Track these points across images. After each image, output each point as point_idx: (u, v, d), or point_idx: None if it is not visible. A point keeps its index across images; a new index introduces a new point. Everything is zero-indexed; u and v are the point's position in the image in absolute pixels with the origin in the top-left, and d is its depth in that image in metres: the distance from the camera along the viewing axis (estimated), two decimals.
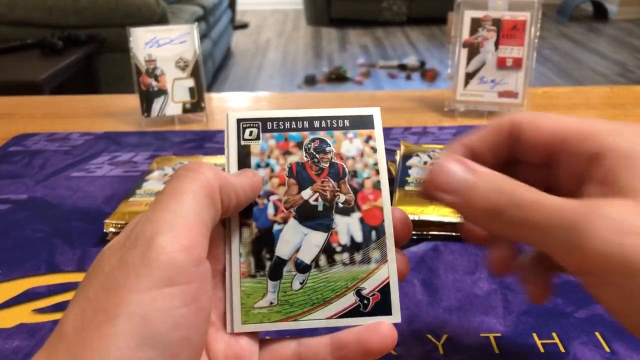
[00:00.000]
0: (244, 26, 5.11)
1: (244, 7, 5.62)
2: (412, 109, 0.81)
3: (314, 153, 0.29)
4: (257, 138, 0.29)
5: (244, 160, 0.28)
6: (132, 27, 0.73)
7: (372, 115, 0.30)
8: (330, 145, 0.29)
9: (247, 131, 0.29)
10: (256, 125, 0.29)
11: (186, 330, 0.22)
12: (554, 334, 0.37)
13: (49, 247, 0.48)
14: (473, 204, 0.25)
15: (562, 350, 0.36)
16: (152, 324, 0.21)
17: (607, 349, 0.36)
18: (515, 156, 0.29)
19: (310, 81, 3.44)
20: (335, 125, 0.29)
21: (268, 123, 0.29)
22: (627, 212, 0.21)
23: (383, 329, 0.26)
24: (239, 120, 0.29)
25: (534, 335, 0.37)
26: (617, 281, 0.21)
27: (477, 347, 0.36)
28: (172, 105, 0.75)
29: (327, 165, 0.29)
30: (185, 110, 0.76)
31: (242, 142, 0.29)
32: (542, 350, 0.36)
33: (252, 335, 0.27)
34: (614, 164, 0.23)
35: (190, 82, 0.75)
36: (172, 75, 0.74)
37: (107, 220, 0.48)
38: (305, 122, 0.29)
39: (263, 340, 0.28)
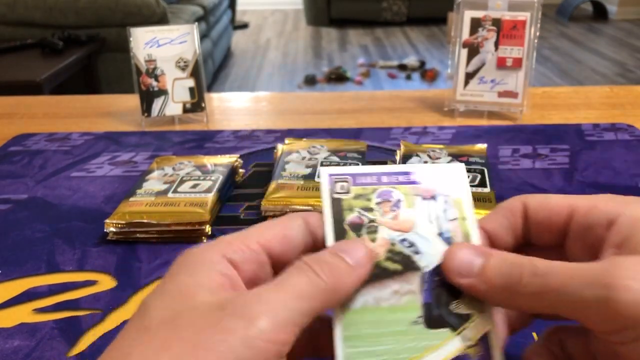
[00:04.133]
0: (244, 26, 5.11)
1: (244, 7, 5.62)
2: (412, 109, 0.81)
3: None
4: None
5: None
6: (132, 27, 0.73)
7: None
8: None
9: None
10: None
11: None
12: None
13: (49, 247, 0.48)
14: (489, 282, 0.26)
15: None
16: None
17: None
18: (528, 239, 0.29)
19: (310, 81, 3.44)
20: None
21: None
22: None
23: None
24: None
25: (534, 335, 0.37)
26: None
27: None
28: (172, 105, 0.75)
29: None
30: (185, 110, 0.76)
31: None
32: None
33: None
34: (627, 228, 0.25)
35: (191, 82, 0.75)
36: (172, 75, 0.74)
37: (107, 220, 0.48)
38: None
39: None
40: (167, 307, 0.24)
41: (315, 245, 0.28)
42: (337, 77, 3.48)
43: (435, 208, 0.30)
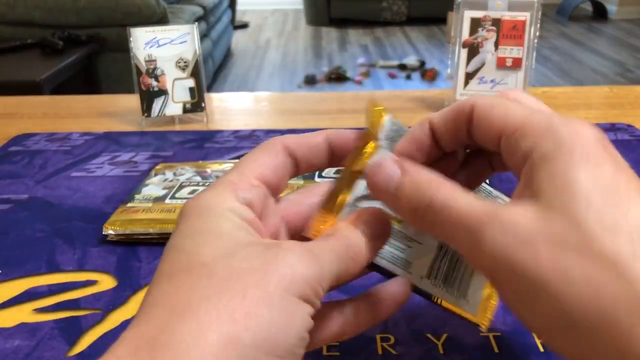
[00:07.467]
0: (244, 26, 5.11)
1: (244, 7, 5.62)
2: (412, 108, 0.81)
3: None
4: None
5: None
6: (132, 27, 0.73)
7: None
8: None
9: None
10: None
11: None
12: None
13: (49, 247, 0.48)
14: (398, 204, 0.26)
15: None
16: None
17: None
18: (475, 141, 0.28)
19: (310, 81, 3.45)
20: None
21: None
22: (524, 219, 0.22)
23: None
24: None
25: (534, 334, 0.37)
26: (506, 280, 0.23)
27: (477, 346, 0.36)
28: (172, 105, 0.75)
29: None
30: (185, 111, 0.76)
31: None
32: (541, 349, 0.36)
33: None
34: (534, 165, 0.23)
35: (191, 82, 0.75)
36: (173, 75, 0.74)
37: (105, 225, 0.48)
38: None
39: None
40: (212, 244, 0.23)
41: (298, 167, 0.29)
42: (337, 77, 3.48)
43: None
